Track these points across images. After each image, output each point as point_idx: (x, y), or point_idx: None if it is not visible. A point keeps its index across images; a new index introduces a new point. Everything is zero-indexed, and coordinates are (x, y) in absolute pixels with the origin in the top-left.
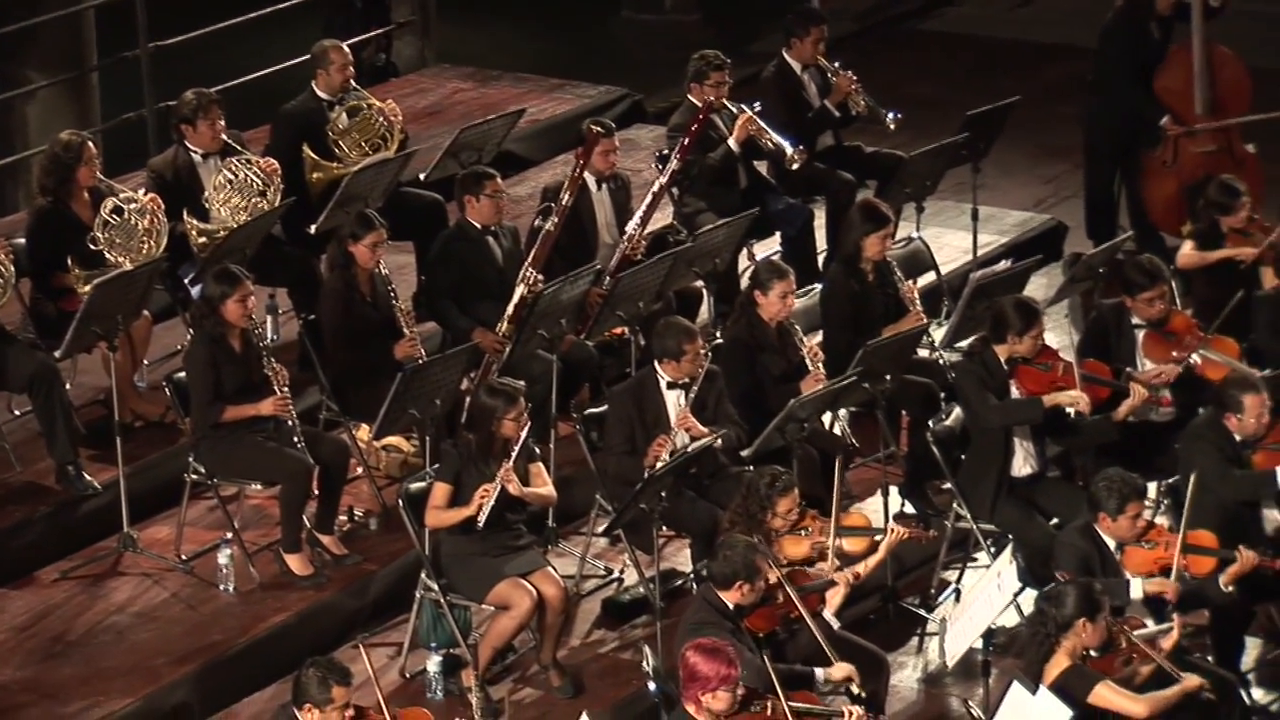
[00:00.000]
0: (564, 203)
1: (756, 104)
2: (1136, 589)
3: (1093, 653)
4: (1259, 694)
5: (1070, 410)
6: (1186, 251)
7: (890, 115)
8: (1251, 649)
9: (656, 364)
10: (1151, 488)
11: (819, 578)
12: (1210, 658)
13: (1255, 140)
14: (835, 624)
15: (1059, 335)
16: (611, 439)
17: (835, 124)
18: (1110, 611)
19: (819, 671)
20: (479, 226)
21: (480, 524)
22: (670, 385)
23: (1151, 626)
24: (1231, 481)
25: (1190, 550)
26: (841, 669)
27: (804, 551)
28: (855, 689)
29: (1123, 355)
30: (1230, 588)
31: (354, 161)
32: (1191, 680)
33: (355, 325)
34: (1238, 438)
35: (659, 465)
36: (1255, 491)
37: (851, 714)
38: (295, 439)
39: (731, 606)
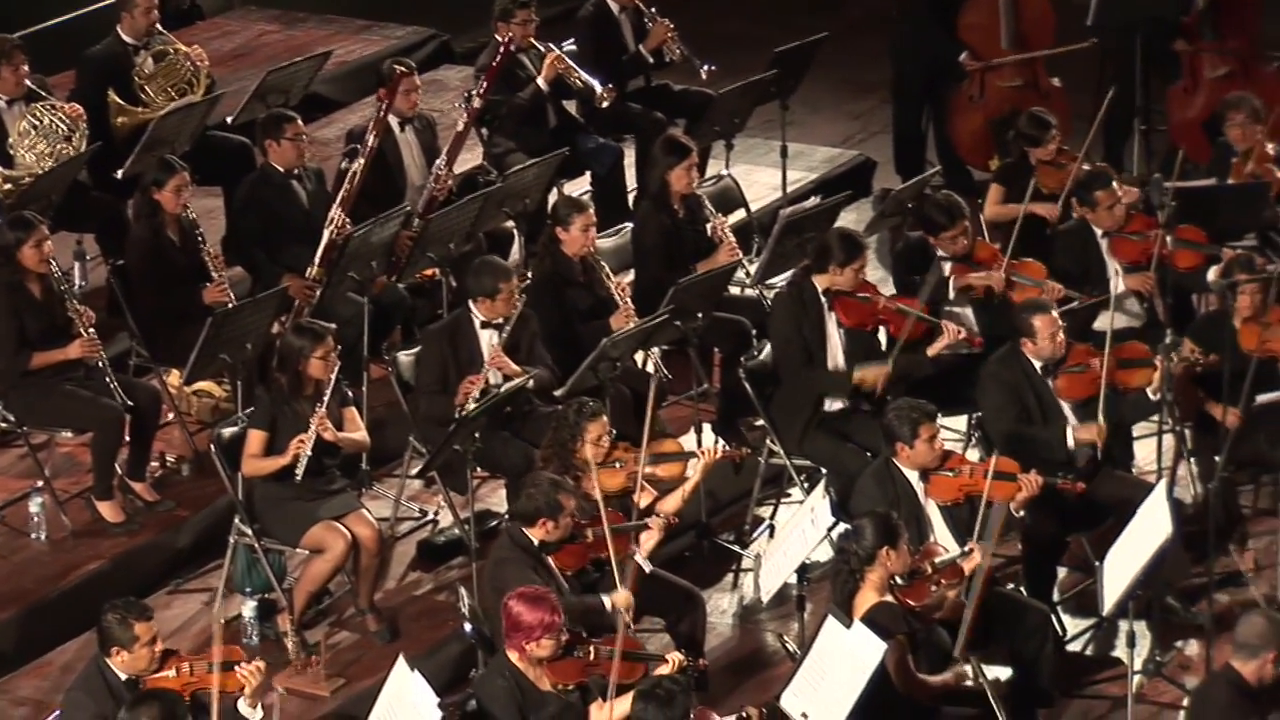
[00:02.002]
0: (369, 144)
1: (570, 43)
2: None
3: (900, 581)
4: (1069, 622)
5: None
6: (991, 204)
7: (704, 67)
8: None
9: (471, 303)
10: (961, 421)
11: (637, 513)
12: (1023, 588)
13: (1059, 74)
14: (648, 566)
15: (869, 270)
16: (424, 378)
17: (650, 69)
18: (909, 539)
19: (606, 598)
20: (282, 170)
21: (298, 476)
22: (484, 325)
23: (951, 551)
24: (1021, 439)
25: (995, 476)
26: (624, 595)
27: (619, 483)
28: (628, 619)
29: (932, 285)
30: (1022, 513)
31: (160, 106)
32: (962, 668)
33: (163, 271)
34: (1038, 364)
35: (469, 404)
36: (1044, 449)
37: (673, 661)
38: (108, 379)
39: (537, 543)
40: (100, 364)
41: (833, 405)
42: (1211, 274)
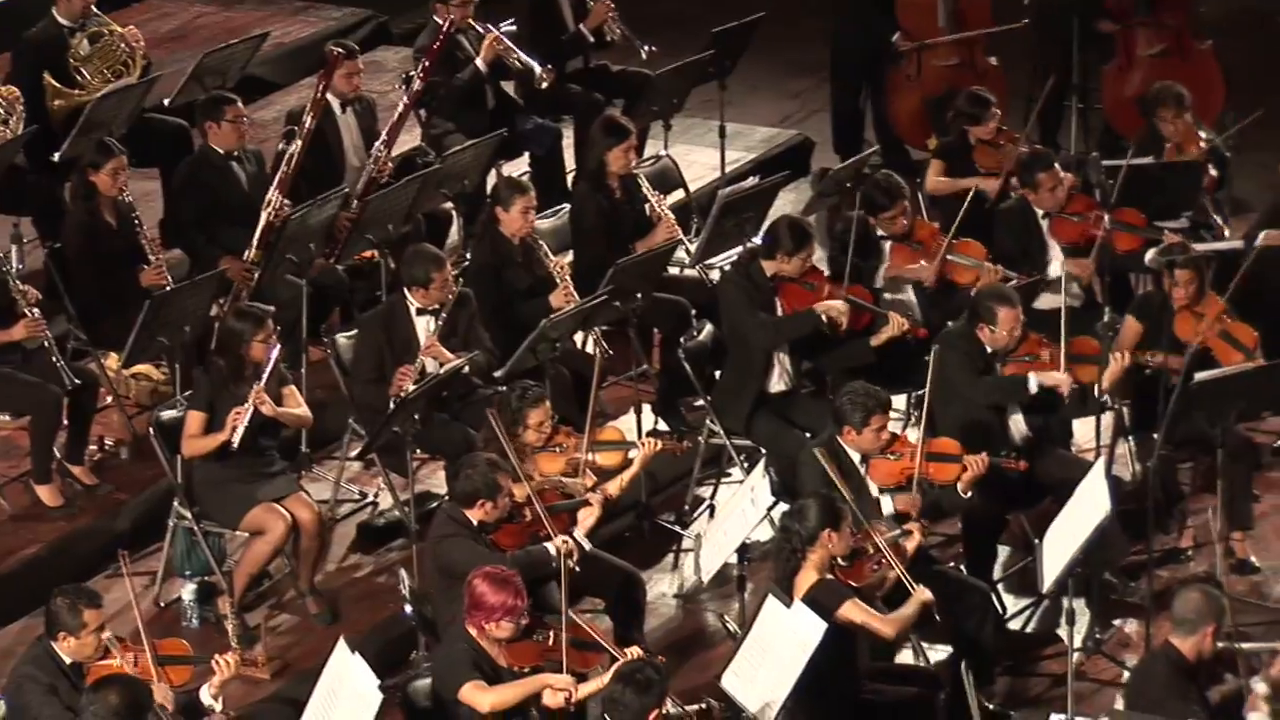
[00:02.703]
0: (307, 126)
1: (509, 23)
2: (887, 507)
3: (841, 561)
4: (1009, 600)
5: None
6: (933, 177)
7: (645, 47)
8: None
9: (406, 291)
10: (901, 400)
11: (573, 495)
12: (963, 566)
13: (996, 53)
14: (587, 545)
15: None
16: (360, 367)
17: (589, 48)
18: (853, 520)
19: (549, 545)
20: (222, 152)
21: (234, 446)
22: (420, 312)
23: (895, 530)
24: (982, 386)
25: (933, 458)
26: (564, 541)
27: (559, 467)
28: (571, 564)
29: (872, 269)
30: (969, 493)
31: (96, 88)
32: (924, 594)
33: (101, 254)
34: (989, 349)
35: (405, 394)
36: (1006, 395)
37: (628, 653)
38: (55, 359)
39: (476, 524)
40: (46, 344)
41: (776, 386)
42: (1150, 255)
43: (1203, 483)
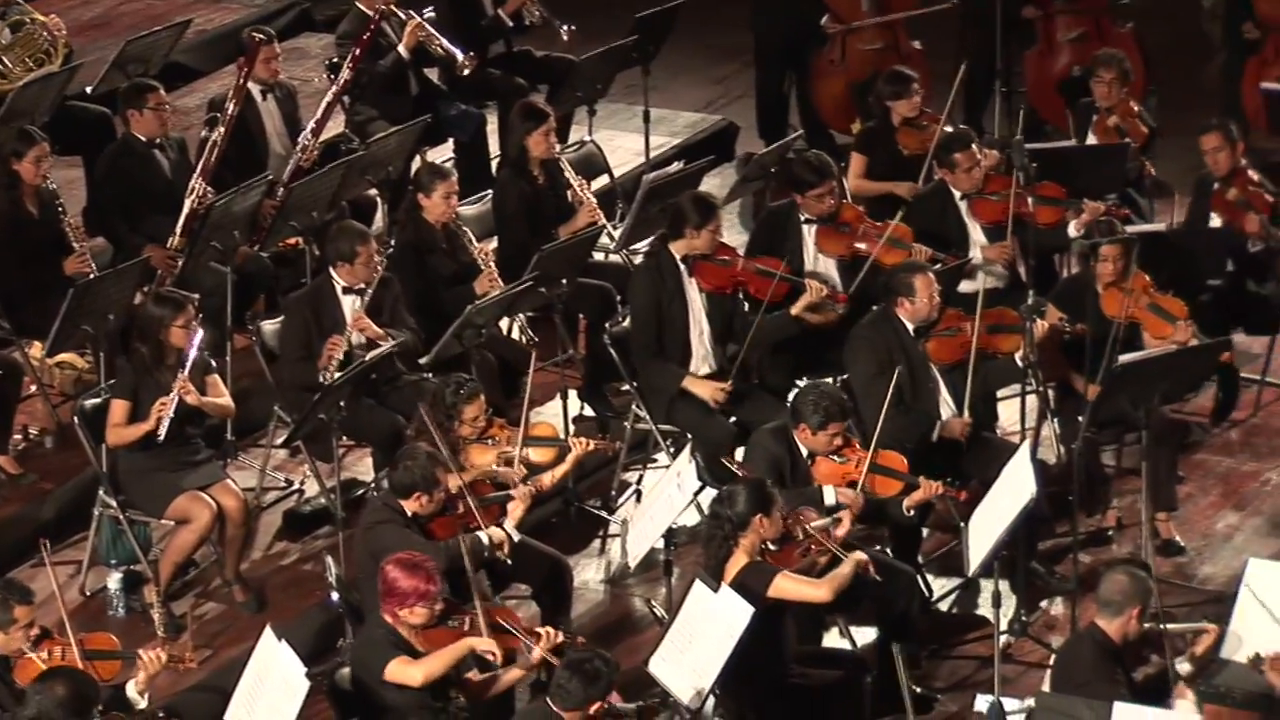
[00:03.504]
0: (229, 113)
1: (429, 10)
2: (829, 496)
3: (771, 546)
4: (935, 583)
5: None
6: (857, 175)
7: (564, 27)
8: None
9: (332, 269)
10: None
11: (506, 485)
12: (888, 550)
13: (920, 37)
14: (516, 536)
15: (732, 235)
16: (287, 346)
17: (510, 32)
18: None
19: (483, 535)
20: (144, 140)
21: (160, 437)
22: (346, 290)
23: (824, 518)
24: (873, 401)
25: (879, 471)
26: (497, 532)
27: (490, 459)
28: (503, 555)
29: (791, 252)
30: (912, 512)
31: (18, 77)
32: (858, 555)
33: (23, 242)
34: (910, 325)
35: (333, 367)
36: (904, 433)
37: (546, 635)
38: None
39: (410, 515)
40: None
41: (700, 370)
42: (1072, 229)
43: (1127, 465)
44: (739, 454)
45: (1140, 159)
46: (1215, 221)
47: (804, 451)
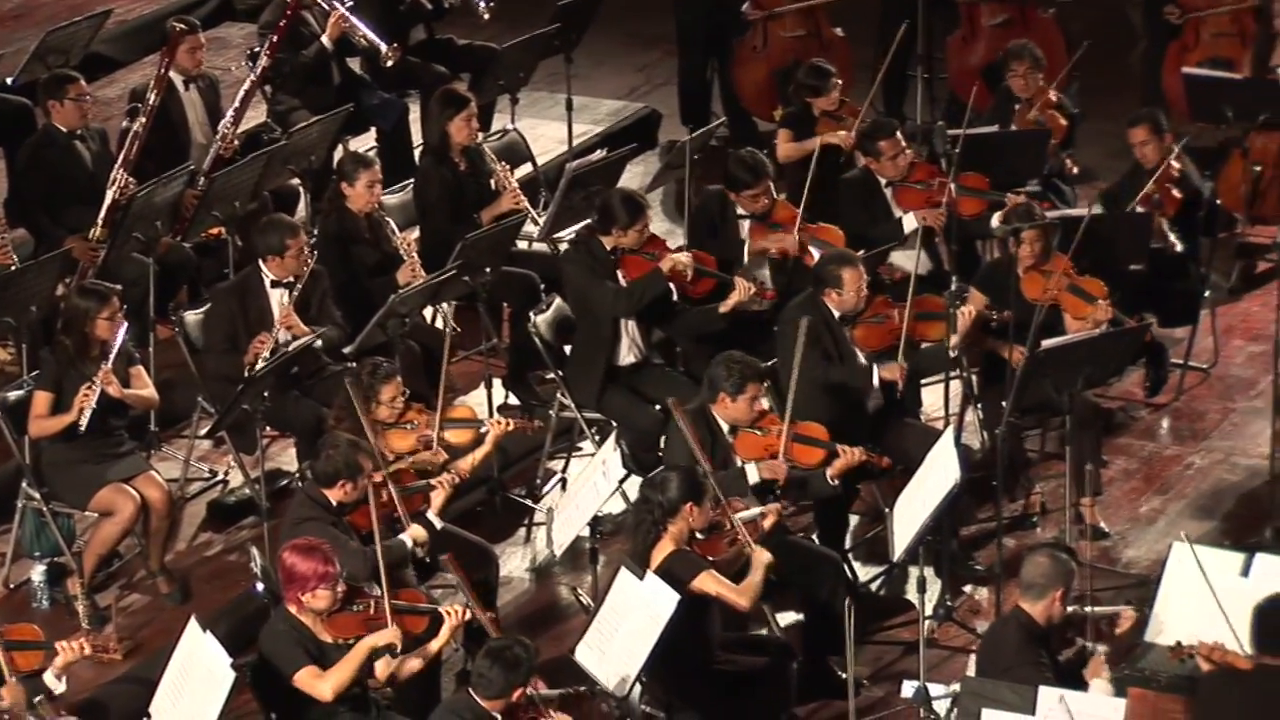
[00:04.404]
0: (150, 103)
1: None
2: (752, 475)
3: (699, 535)
4: (860, 569)
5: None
6: (783, 144)
7: (483, 5)
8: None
9: (261, 262)
10: None
11: (428, 471)
12: (815, 536)
13: (841, 23)
14: (438, 523)
15: (656, 223)
16: (213, 337)
17: (428, 16)
18: (713, 495)
19: (404, 537)
20: (65, 131)
21: (82, 427)
22: (274, 284)
23: (753, 509)
24: (826, 379)
25: (799, 440)
26: (419, 532)
27: (409, 444)
28: (421, 551)
29: (728, 242)
30: (836, 481)
31: None
32: (762, 554)
33: None
34: (837, 314)
35: (259, 364)
36: (851, 380)
37: (454, 613)
38: None
39: (335, 504)
40: None
41: (626, 358)
42: (995, 220)
43: (1051, 449)
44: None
45: (1061, 156)
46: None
47: (724, 428)
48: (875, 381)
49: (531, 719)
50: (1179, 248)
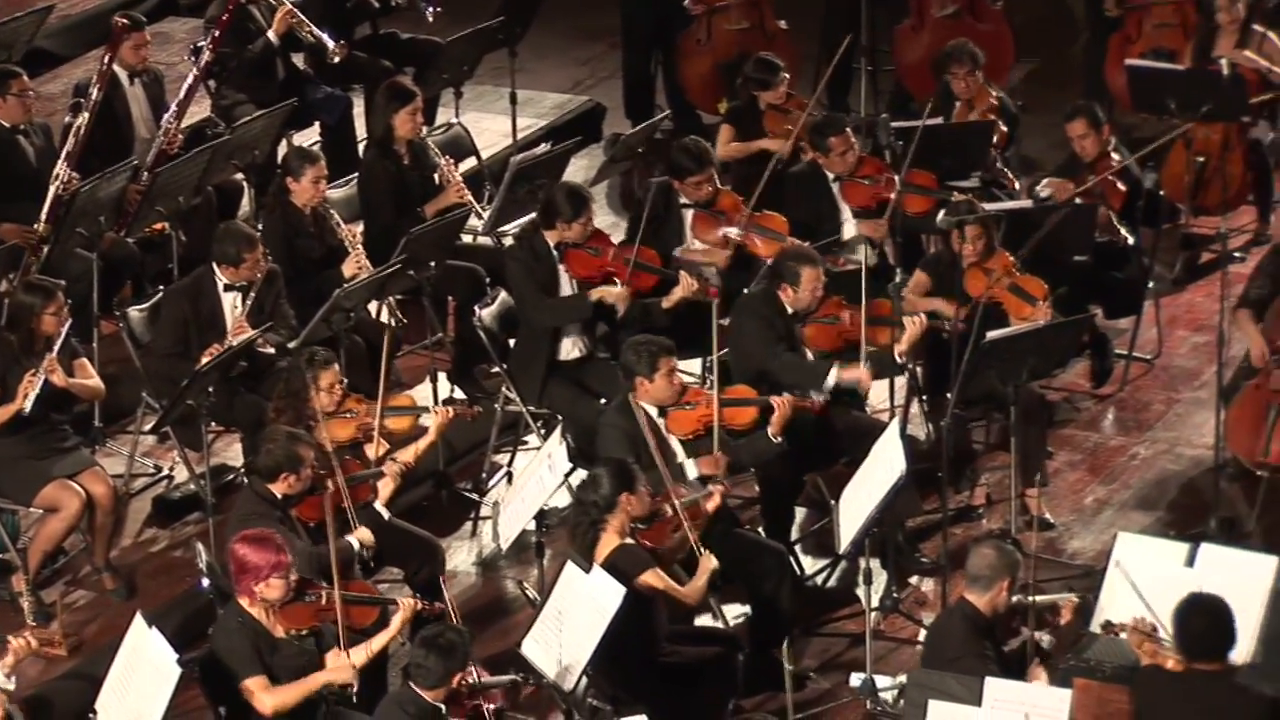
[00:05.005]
0: (94, 98)
1: None
2: (691, 471)
3: (640, 524)
4: (807, 561)
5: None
6: (723, 144)
7: (428, 9)
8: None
9: (215, 265)
10: (697, 364)
11: (371, 465)
12: (761, 529)
13: (785, 16)
14: (386, 514)
15: (600, 216)
16: (163, 339)
17: (375, 13)
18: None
19: (350, 537)
20: (8, 126)
21: (26, 412)
22: (227, 288)
23: (694, 492)
24: (782, 364)
25: (729, 404)
26: (366, 535)
27: (350, 433)
28: (367, 553)
29: (670, 234)
30: (780, 438)
31: None
32: (709, 560)
33: None
34: (790, 310)
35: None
36: (803, 379)
37: (407, 605)
38: None
39: (280, 497)
40: None
41: (569, 354)
42: (940, 216)
43: (996, 441)
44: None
45: (999, 167)
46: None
47: (654, 414)
48: (831, 381)
49: (475, 706)
50: (1130, 240)
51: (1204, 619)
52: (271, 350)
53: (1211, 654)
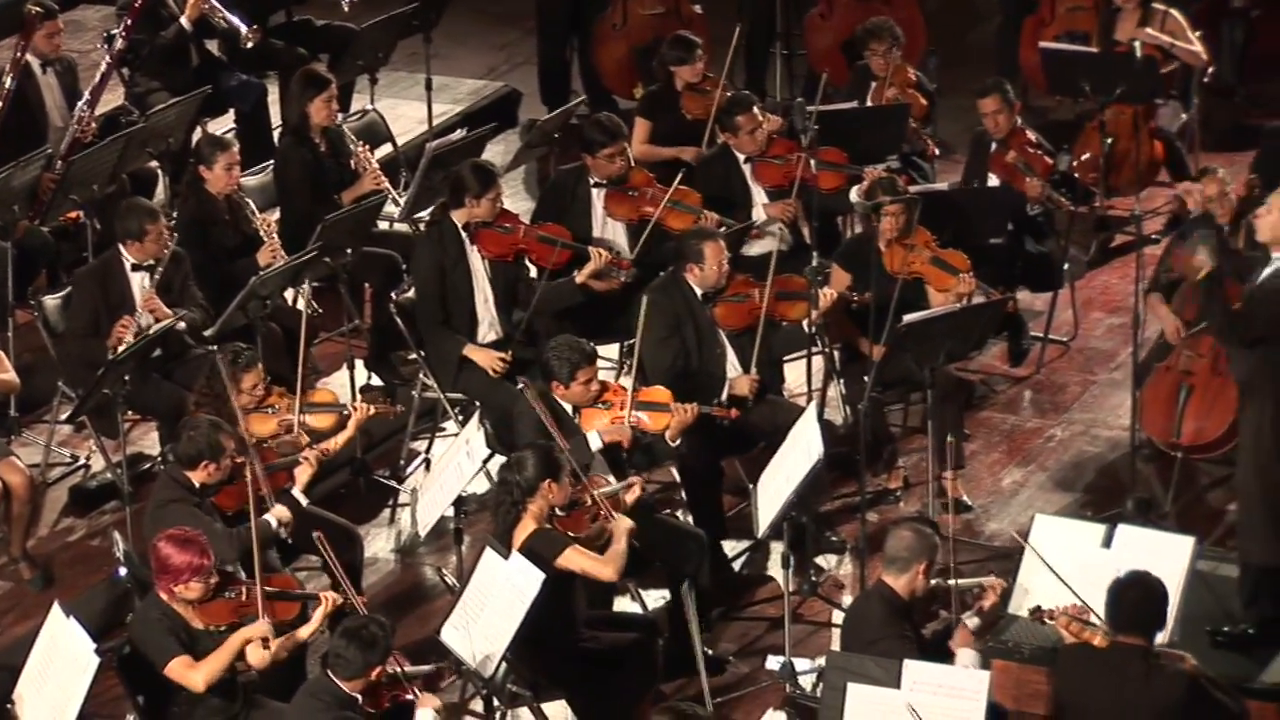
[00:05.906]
0: (7, 87)
1: None
2: (595, 441)
3: (560, 511)
4: (729, 545)
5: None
6: (640, 141)
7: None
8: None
9: (121, 246)
10: (614, 349)
11: (288, 454)
12: (690, 517)
13: (700, 1)
14: (304, 500)
15: (517, 202)
16: (75, 322)
17: (289, 2)
18: (572, 472)
19: (269, 517)
20: None
21: None
22: (135, 267)
23: (614, 483)
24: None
25: (643, 407)
26: (283, 512)
27: (271, 428)
28: (285, 532)
29: (577, 217)
30: (677, 441)
31: None
32: (622, 521)
33: None
34: (699, 290)
35: (122, 347)
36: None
37: (328, 600)
38: None
39: (198, 485)
40: None
41: (486, 337)
42: (854, 194)
43: (913, 424)
44: None
45: (922, 136)
46: (993, 180)
47: (568, 409)
48: (724, 394)
49: (394, 696)
50: (1069, 205)
51: (1139, 591)
52: (183, 327)
53: (1137, 627)
